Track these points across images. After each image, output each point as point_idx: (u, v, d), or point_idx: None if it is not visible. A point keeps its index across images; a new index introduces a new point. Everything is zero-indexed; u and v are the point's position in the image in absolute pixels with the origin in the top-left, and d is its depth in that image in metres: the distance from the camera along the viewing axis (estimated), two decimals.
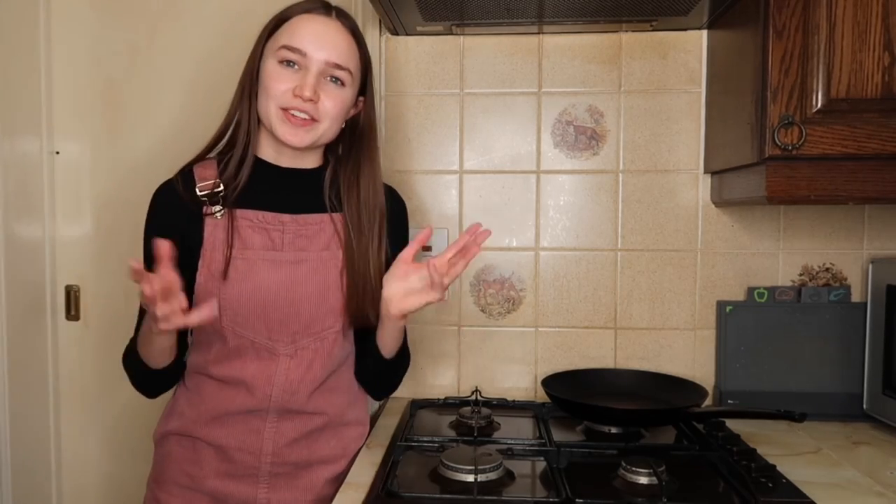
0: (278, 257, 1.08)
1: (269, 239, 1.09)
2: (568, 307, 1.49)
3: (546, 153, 1.48)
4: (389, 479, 1.03)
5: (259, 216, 1.09)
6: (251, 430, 1.09)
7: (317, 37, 1.05)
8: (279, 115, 1.05)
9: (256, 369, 1.08)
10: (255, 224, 1.09)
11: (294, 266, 1.09)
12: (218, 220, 1.08)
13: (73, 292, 1.63)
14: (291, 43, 1.05)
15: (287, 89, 1.05)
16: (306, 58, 1.05)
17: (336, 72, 1.06)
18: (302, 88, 1.03)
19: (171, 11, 1.58)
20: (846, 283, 1.44)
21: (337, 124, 1.10)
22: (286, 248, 1.09)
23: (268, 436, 1.10)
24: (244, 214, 1.09)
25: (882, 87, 1.07)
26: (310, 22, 1.07)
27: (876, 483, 1.07)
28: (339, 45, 1.07)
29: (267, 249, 1.08)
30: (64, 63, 1.60)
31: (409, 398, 1.48)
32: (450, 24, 1.40)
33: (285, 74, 1.05)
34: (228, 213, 1.08)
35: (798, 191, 1.11)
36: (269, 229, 1.09)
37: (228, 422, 1.10)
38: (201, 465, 1.11)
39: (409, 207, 1.49)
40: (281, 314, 1.07)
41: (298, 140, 1.06)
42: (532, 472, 1.10)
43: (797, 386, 1.41)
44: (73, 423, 1.64)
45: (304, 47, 1.05)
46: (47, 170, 1.60)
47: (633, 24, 1.40)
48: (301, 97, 1.04)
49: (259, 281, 1.07)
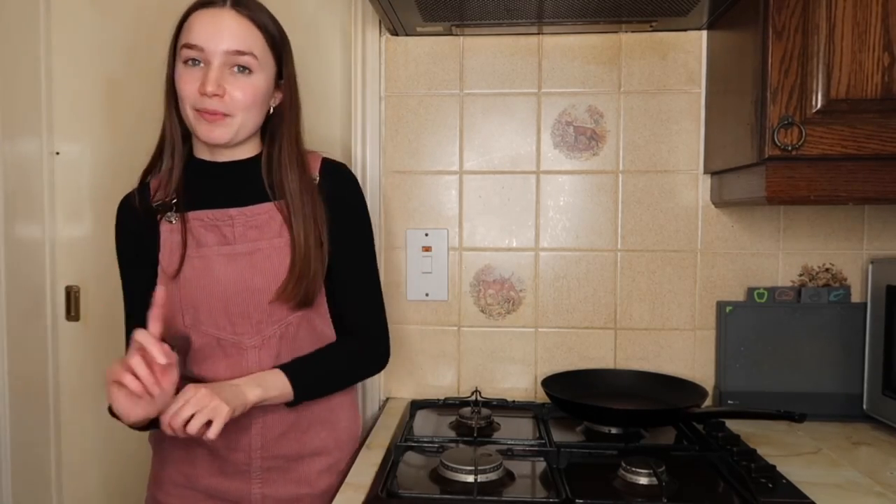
0: (231, 251, 1.10)
1: (221, 235, 1.10)
2: (568, 307, 1.49)
3: (546, 153, 1.48)
4: (389, 480, 1.03)
5: (209, 214, 1.11)
6: (238, 428, 1.09)
7: (210, 29, 1.04)
8: (195, 116, 1.06)
9: (227, 366, 1.09)
10: (207, 223, 1.11)
11: (248, 257, 1.10)
12: (173, 226, 1.11)
13: (73, 293, 1.63)
14: (189, 40, 1.05)
15: (194, 89, 1.05)
16: (205, 52, 1.04)
17: (238, 59, 1.05)
18: (204, 84, 1.03)
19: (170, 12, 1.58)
20: (846, 283, 1.44)
21: (255, 113, 1.09)
22: (238, 241, 1.10)
23: (255, 431, 1.11)
24: (196, 216, 1.11)
25: (882, 87, 1.07)
26: (203, 16, 1.06)
27: (876, 483, 1.07)
28: (236, 32, 1.05)
29: (220, 245, 1.10)
30: (64, 63, 1.60)
31: (409, 398, 1.48)
32: (450, 24, 1.40)
33: (190, 74, 1.05)
34: (181, 218, 1.11)
35: (798, 191, 1.11)
36: (220, 225, 1.10)
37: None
38: (195, 464, 1.12)
39: (408, 208, 1.50)
40: (242, 306, 1.09)
41: (216, 137, 1.06)
42: (532, 472, 1.10)
43: (797, 386, 1.41)
44: (73, 423, 1.64)
45: (200, 42, 1.04)
46: (47, 170, 1.60)
47: (633, 24, 1.40)
48: (205, 94, 1.03)
49: (215, 275, 1.08)
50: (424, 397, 1.48)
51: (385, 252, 1.50)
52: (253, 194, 1.12)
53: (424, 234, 1.50)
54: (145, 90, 1.59)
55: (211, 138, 1.06)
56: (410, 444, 1.19)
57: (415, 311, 1.51)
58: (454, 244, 1.50)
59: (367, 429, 1.33)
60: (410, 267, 1.50)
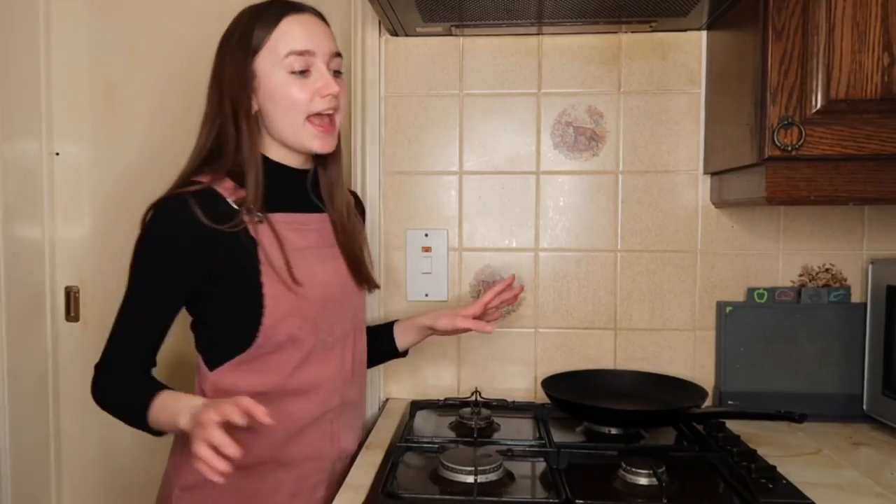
0: (322, 253, 1.10)
1: (304, 238, 1.09)
2: (568, 308, 1.49)
3: (546, 154, 1.48)
4: (389, 480, 1.03)
5: (291, 218, 1.08)
6: (323, 434, 1.09)
7: (314, 33, 1.04)
8: (308, 130, 1.04)
9: (325, 368, 1.09)
10: (291, 226, 1.07)
11: (335, 260, 1.12)
12: (260, 227, 1.03)
13: (72, 293, 1.63)
14: (296, 47, 1.01)
15: (307, 97, 1.03)
16: (316, 55, 1.03)
17: (336, 61, 1.07)
18: (328, 86, 1.03)
19: (170, 12, 1.59)
20: (846, 283, 1.44)
21: (345, 115, 1.12)
22: (322, 245, 1.11)
23: (334, 435, 1.12)
24: (279, 218, 1.06)
25: (881, 87, 1.07)
26: (299, 22, 1.04)
27: (876, 484, 1.07)
28: (329, 35, 1.07)
29: (310, 247, 1.09)
30: (64, 64, 1.60)
31: (409, 399, 1.48)
32: (449, 25, 1.40)
33: (301, 82, 1.02)
34: (267, 220, 1.04)
35: (797, 191, 1.11)
36: (302, 229, 1.09)
37: (303, 435, 1.07)
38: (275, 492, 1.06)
39: (408, 208, 1.51)
40: (339, 308, 1.11)
41: (329, 146, 1.07)
42: (532, 473, 1.10)
43: (797, 387, 1.41)
44: (72, 424, 1.64)
45: (311, 46, 1.02)
46: (47, 170, 1.60)
47: (633, 24, 1.40)
48: (331, 94, 1.03)
49: (319, 277, 1.08)
50: (424, 398, 1.48)
51: (385, 252, 1.50)
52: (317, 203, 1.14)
53: (424, 234, 1.50)
54: (145, 91, 1.60)
55: (326, 149, 1.07)
56: (410, 445, 1.19)
57: (415, 311, 1.50)
58: (454, 244, 1.50)
59: (367, 429, 1.33)
60: (410, 267, 1.50)
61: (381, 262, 1.49)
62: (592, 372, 1.44)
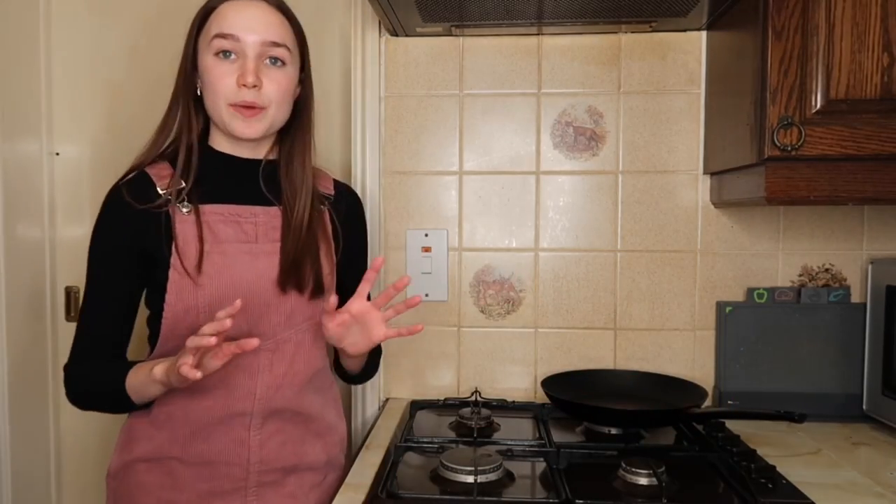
0: (255, 249, 1.06)
1: (242, 231, 1.06)
2: (567, 308, 1.49)
3: (545, 154, 1.48)
4: (389, 480, 1.03)
5: (230, 209, 1.06)
6: (236, 440, 1.04)
7: (246, 19, 1.02)
8: (229, 112, 1.03)
9: (237, 368, 1.03)
10: (227, 218, 1.06)
11: (271, 257, 1.06)
12: (186, 217, 1.03)
13: (72, 293, 1.63)
14: (223, 30, 1.02)
15: (230, 82, 1.02)
16: (241, 42, 1.02)
17: (274, 50, 1.04)
18: (244, 75, 1.01)
19: (170, 12, 1.58)
20: (846, 283, 1.44)
21: (285, 107, 1.07)
22: (261, 240, 1.07)
23: (254, 441, 1.05)
24: (213, 209, 1.05)
25: (881, 87, 1.07)
26: (235, 6, 1.03)
27: (876, 484, 1.07)
28: (272, 23, 1.04)
29: (242, 242, 1.06)
30: (64, 64, 1.60)
31: (408, 399, 1.48)
32: (449, 25, 1.40)
33: (225, 67, 1.02)
34: (195, 210, 1.04)
35: (797, 192, 1.11)
36: (241, 222, 1.06)
37: (211, 434, 1.04)
38: (181, 489, 1.05)
39: (408, 208, 1.50)
40: (262, 307, 1.05)
41: (252, 132, 1.04)
42: (532, 473, 1.10)
43: (797, 386, 1.41)
44: (73, 423, 1.64)
45: (236, 31, 1.02)
46: (47, 171, 1.60)
47: (633, 25, 1.40)
48: (245, 85, 1.01)
49: (238, 273, 1.03)
50: (424, 398, 1.48)
51: (385, 252, 1.50)
52: (275, 196, 1.10)
53: (424, 234, 1.50)
54: (145, 91, 1.60)
55: (247, 134, 1.04)
56: (410, 445, 1.19)
57: (414, 311, 1.51)
58: (454, 244, 1.50)
59: (367, 429, 1.33)
60: (410, 267, 1.50)
61: None
62: (592, 372, 1.44)
